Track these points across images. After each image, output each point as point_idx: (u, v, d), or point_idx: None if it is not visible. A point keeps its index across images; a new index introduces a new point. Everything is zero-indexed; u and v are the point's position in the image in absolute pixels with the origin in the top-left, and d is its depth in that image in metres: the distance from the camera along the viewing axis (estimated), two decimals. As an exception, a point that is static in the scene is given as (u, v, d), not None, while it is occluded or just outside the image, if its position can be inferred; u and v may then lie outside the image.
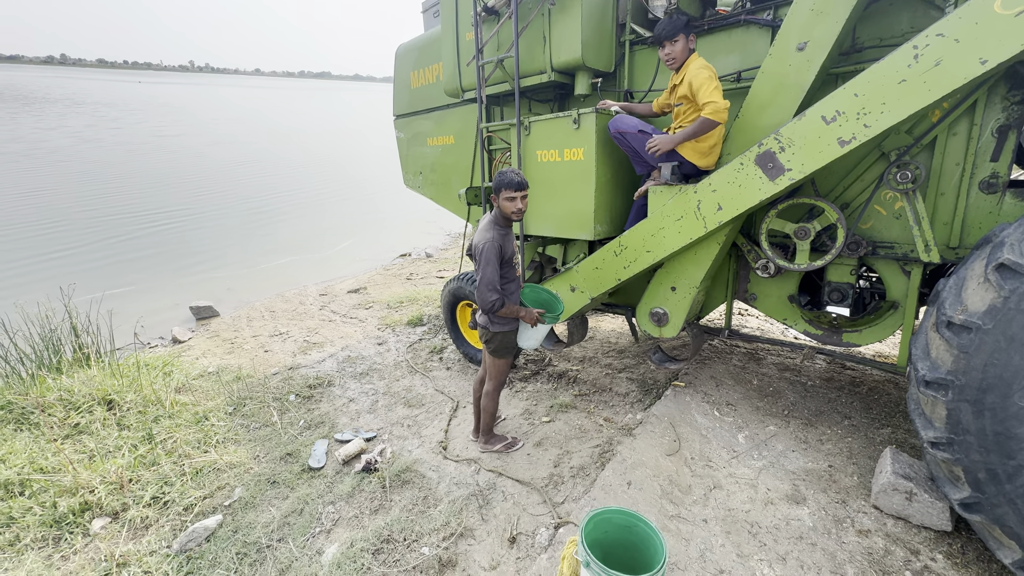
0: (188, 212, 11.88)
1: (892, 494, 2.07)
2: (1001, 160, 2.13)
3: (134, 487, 3.04)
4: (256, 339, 5.65)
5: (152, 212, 11.71)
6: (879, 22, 2.35)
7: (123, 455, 3.26)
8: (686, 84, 2.40)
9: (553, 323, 2.77)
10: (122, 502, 2.92)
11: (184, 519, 2.72)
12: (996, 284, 1.57)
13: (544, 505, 2.45)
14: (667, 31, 2.40)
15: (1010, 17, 1.61)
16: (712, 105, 2.29)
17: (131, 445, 3.37)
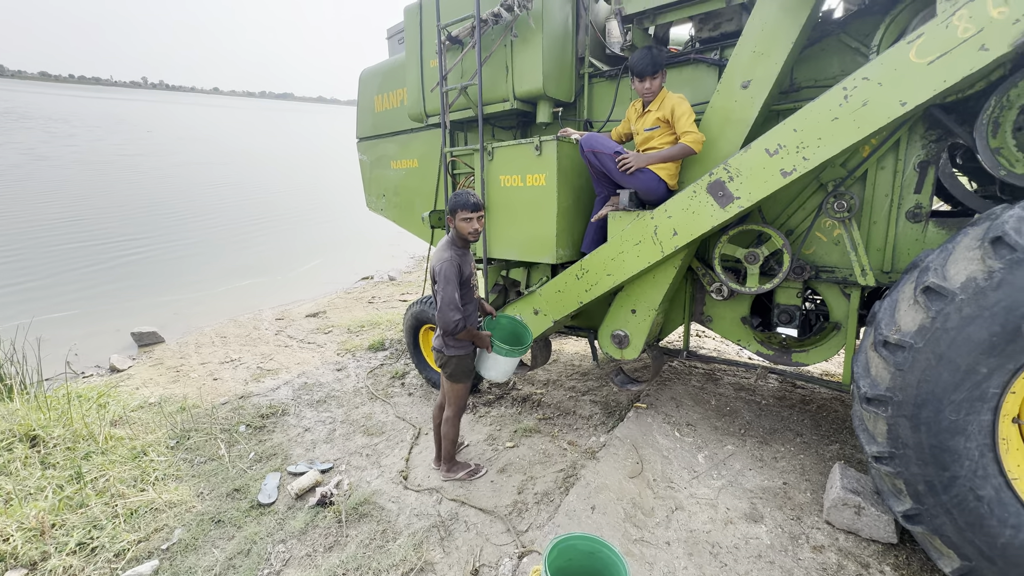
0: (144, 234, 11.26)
1: (842, 509, 2.15)
2: (923, 192, 2.33)
3: (57, 533, 2.75)
4: (204, 366, 5.34)
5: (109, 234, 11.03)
6: (813, 65, 2.56)
7: (46, 497, 2.97)
8: (666, 110, 2.54)
9: (523, 354, 2.72)
10: (42, 551, 2.64)
11: (114, 567, 2.48)
12: (924, 305, 1.69)
13: (508, 534, 2.39)
14: (651, 67, 2.51)
15: (923, 65, 1.80)
16: (694, 135, 2.47)
17: (56, 486, 3.07)
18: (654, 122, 2.60)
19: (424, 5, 3.44)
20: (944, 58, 1.75)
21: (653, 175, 2.62)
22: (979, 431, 1.63)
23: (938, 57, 1.76)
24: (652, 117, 2.60)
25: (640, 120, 2.69)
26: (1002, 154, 2.00)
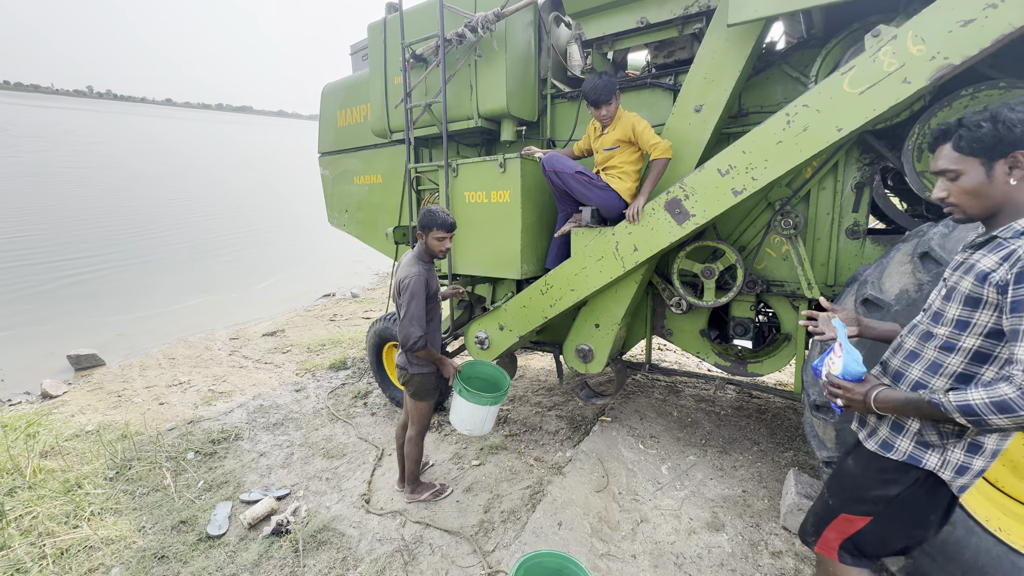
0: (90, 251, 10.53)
1: (797, 514, 2.23)
2: (860, 211, 2.50)
3: (-28, 580, 2.49)
4: (150, 390, 5.02)
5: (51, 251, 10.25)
6: (759, 92, 2.74)
7: (-40, 540, 2.69)
8: (626, 130, 2.61)
9: (501, 402, 2.58)
10: (-46, 601, 2.38)
11: (39, 614, 2.26)
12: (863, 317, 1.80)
13: (474, 555, 2.34)
14: (604, 96, 2.56)
15: (855, 95, 1.95)
16: (662, 146, 2.54)
17: (-28, 527, 2.79)
18: (614, 142, 2.69)
19: (388, 23, 3.46)
20: (873, 89, 1.91)
21: (613, 193, 2.70)
22: (916, 434, 1.74)
23: (868, 88, 1.92)
24: (611, 138, 2.69)
25: (599, 140, 2.77)
26: (926, 176, 2.18)
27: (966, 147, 1.22)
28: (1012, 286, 1.12)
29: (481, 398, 2.50)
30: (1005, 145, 1.17)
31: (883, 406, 1.28)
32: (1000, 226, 1.22)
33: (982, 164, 1.21)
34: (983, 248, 1.24)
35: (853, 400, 1.34)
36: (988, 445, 1.25)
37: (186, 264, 10.37)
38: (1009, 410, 1.06)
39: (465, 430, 2.63)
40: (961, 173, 1.24)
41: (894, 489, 1.34)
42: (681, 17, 2.61)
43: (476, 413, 2.54)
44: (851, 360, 1.36)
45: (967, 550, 1.70)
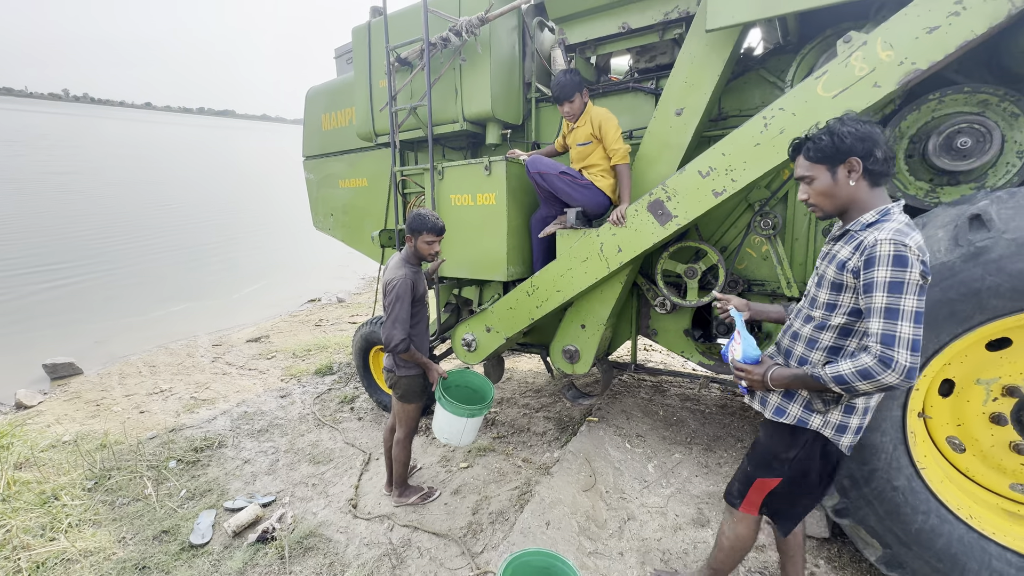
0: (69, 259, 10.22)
1: (780, 508, 2.27)
2: (836, 211, 2.57)
3: (-57, 597, 2.42)
4: (129, 399, 4.91)
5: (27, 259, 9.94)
6: (738, 95, 2.80)
7: (-69, 556, 2.60)
8: (594, 125, 2.66)
9: (480, 415, 2.57)
10: (-76, 618, 2.31)
11: (15, 629, 2.20)
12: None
13: (463, 557, 2.33)
14: (564, 93, 2.64)
15: (829, 98, 2.01)
16: (620, 153, 2.61)
17: (-57, 542, 2.70)
18: (586, 136, 2.73)
19: (373, 27, 3.47)
20: (845, 92, 1.97)
21: (597, 190, 2.74)
22: (891, 426, 1.79)
23: (840, 92, 1.98)
24: (583, 132, 2.73)
25: (571, 135, 2.81)
26: (898, 178, 2.25)
27: (814, 156, 1.45)
28: (863, 271, 1.33)
29: (459, 408, 2.49)
30: (842, 153, 1.40)
31: (777, 383, 1.50)
32: (851, 221, 1.44)
33: (828, 170, 1.44)
34: (840, 240, 1.46)
35: (754, 380, 1.55)
36: (859, 405, 1.49)
37: (168, 271, 10.17)
38: (870, 376, 1.29)
39: (443, 439, 2.63)
40: (814, 178, 1.46)
41: (792, 451, 1.57)
42: (661, 23, 2.66)
43: (454, 423, 2.53)
44: (748, 346, 1.56)
45: (940, 538, 1.76)
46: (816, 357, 1.50)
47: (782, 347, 1.62)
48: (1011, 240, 1.55)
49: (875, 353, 1.28)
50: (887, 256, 1.28)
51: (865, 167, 1.39)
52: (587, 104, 2.70)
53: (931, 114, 2.15)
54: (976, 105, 2.06)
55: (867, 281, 1.32)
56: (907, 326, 1.27)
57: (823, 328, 1.48)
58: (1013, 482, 1.84)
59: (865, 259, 1.32)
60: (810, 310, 1.54)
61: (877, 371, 1.27)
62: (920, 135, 2.18)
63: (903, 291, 1.27)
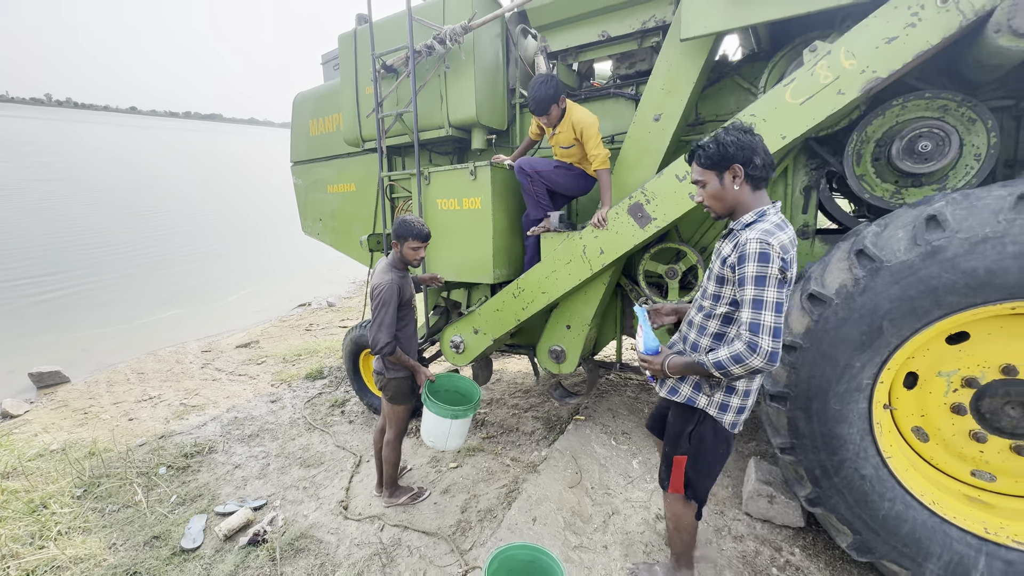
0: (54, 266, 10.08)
1: (757, 499, 2.36)
2: (809, 212, 2.67)
3: (-68, 606, 2.42)
4: (118, 406, 4.89)
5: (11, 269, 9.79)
6: (715, 101, 2.89)
7: (-83, 566, 2.59)
8: (576, 131, 2.74)
9: (464, 417, 2.61)
10: (-89, 629, 2.31)
11: (6, 636, 2.21)
12: (808, 311, 1.94)
13: (452, 554, 2.38)
14: (540, 108, 2.68)
15: (796, 105, 2.10)
16: (599, 158, 2.70)
17: (-70, 552, 2.70)
18: (569, 141, 2.81)
19: (359, 34, 3.52)
20: (811, 99, 2.06)
21: (591, 177, 2.88)
22: (858, 417, 1.88)
23: (807, 99, 2.07)
24: (565, 137, 2.81)
25: (554, 139, 2.88)
26: (865, 180, 2.35)
27: (704, 163, 1.61)
28: (738, 266, 1.50)
29: (443, 409, 2.53)
30: (726, 160, 1.55)
31: (673, 371, 1.69)
32: (735, 220, 1.62)
33: (716, 175, 1.60)
34: (726, 239, 1.65)
35: (655, 369, 1.73)
36: (739, 387, 1.66)
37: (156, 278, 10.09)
38: (741, 360, 1.46)
39: (430, 442, 2.67)
40: (706, 182, 1.63)
41: (688, 426, 1.76)
42: (639, 31, 2.74)
43: (439, 425, 2.57)
44: (648, 339, 1.75)
45: (906, 523, 1.84)
46: (704, 342, 1.68)
47: (682, 334, 1.81)
48: (964, 239, 1.64)
49: (744, 340, 1.45)
50: (754, 253, 1.45)
51: (746, 173, 1.55)
52: (565, 109, 2.76)
53: (895, 119, 2.25)
54: (936, 110, 2.16)
55: (740, 276, 1.49)
56: (769, 315, 1.44)
57: (710, 316, 1.67)
58: (974, 468, 1.94)
59: (738, 256, 1.50)
60: (701, 300, 1.72)
61: (746, 356, 1.44)
62: (885, 139, 2.28)
63: (766, 284, 1.44)
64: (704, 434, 1.73)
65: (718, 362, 1.51)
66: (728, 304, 1.61)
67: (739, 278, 1.50)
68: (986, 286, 1.62)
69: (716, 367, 1.52)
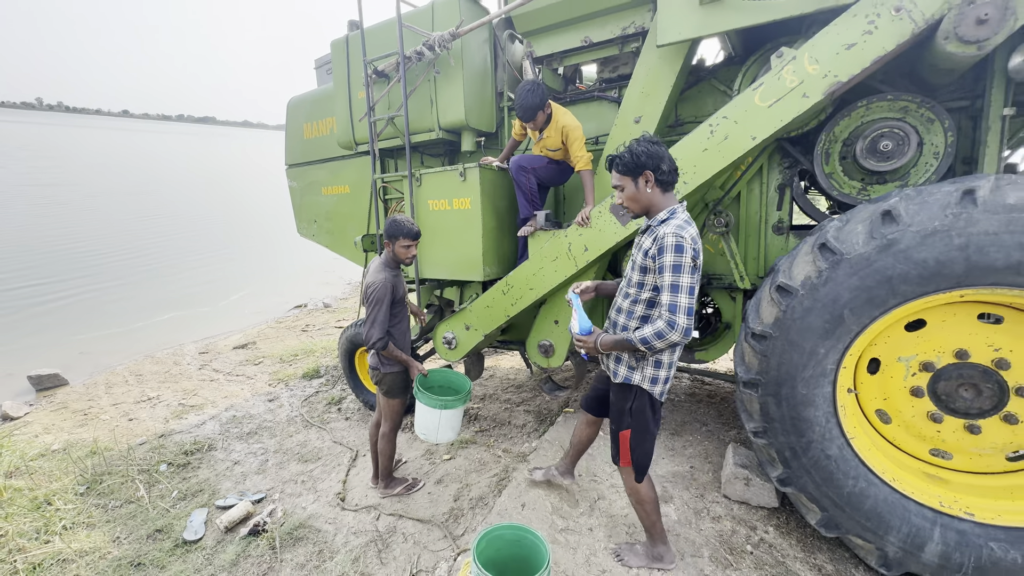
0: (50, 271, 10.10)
1: (734, 482, 2.48)
2: (783, 209, 2.79)
3: (-58, 598, 2.50)
4: (117, 407, 4.97)
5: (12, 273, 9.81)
6: (693, 103, 3.01)
7: (-74, 562, 2.67)
8: (563, 135, 2.87)
9: (453, 408, 2.72)
10: (-77, 620, 2.39)
11: (17, 624, 2.30)
12: (777, 302, 2.06)
13: (445, 540, 2.49)
14: (527, 114, 2.78)
15: (765, 108, 2.22)
16: (582, 160, 2.85)
17: (-62, 548, 2.78)
18: (556, 144, 2.94)
19: (350, 40, 3.62)
20: (779, 103, 2.18)
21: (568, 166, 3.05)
22: (823, 401, 2.00)
23: (775, 102, 2.19)
24: (553, 141, 2.93)
25: (541, 143, 3.00)
26: (834, 177, 2.47)
27: (621, 170, 1.87)
28: (658, 257, 1.75)
29: (433, 400, 2.65)
30: (639, 167, 1.81)
31: (605, 348, 1.90)
32: (651, 218, 1.88)
33: (632, 180, 1.85)
34: (645, 234, 1.91)
35: (588, 347, 1.94)
36: (664, 360, 1.90)
37: (152, 281, 10.13)
38: (662, 336, 1.73)
39: (422, 435, 2.78)
40: (623, 187, 1.89)
41: (627, 403, 1.97)
42: (620, 37, 2.86)
43: (430, 417, 2.69)
44: (582, 320, 1.95)
45: (868, 500, 1.97)
46: (632, 325, 1.92)
47: (611, 319, 2.03)
48: (916, 232, 1.77)
49: (665, 319, 1.72)
50: (671, 245, 1.72)
51: (656, 178, 1.82)
52: (551, 115, 2.87)
53: (860, 119, 2.37)
54: (898, 111, 2.29)
55: (660, 265, 1.75)
56: (684, 297, 1.71)
57: (636, 302, 1.91)
58: (932, 447, 2.06)
59: (658, 247, 1.76)
60: (627, 288, 1.96)
61: (666, 332, 1.72)
62: (851, 139, 2.40)
63: (681, 271, 1.72)
64: (642, 407, 1.96)
65: (643, 338, 1.77)
66: (651, 290, 1.86)
67: (659, 267, 1.75)
68: (936, 275, 1.75)
69: (642, 342, 1.77)
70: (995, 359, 1.88)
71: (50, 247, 12.10)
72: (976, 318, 1.91)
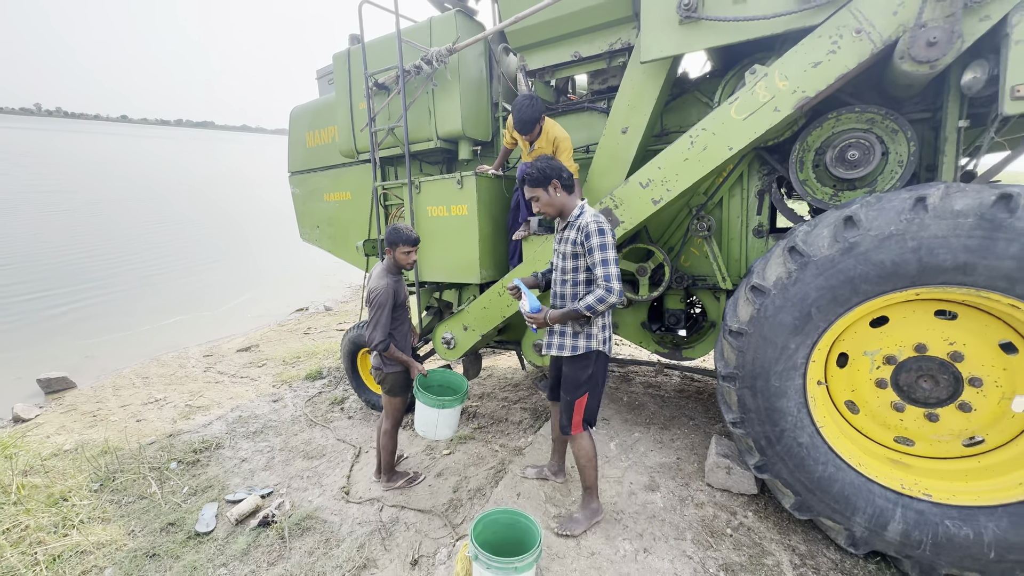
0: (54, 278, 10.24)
1: (717, 471, 2.63)
2: (763, 214, 2.95)
3: (-32, 588, 2.64)
4: (125, 409, 5.11)
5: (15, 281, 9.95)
6: (678, 114, 3.18)
7: (-50, 553, 2.81)
8: (553, 144, 3.02)
9: (450, 407, 2.86)
10: (-50, 609, 2.53)
11: (41, 610, 2.44)
12: (752, 300, 2.22)
13: (445, 528, 2.64)
14: (526, 126, 2.92)
15: (740, 120, 2.38)
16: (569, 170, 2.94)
17: (-40, 541, 2.91)
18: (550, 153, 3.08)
19: (352, 53, 3.78)
20: (753, 115, 2.34)
21: None
22: (795, 392, 2.15)
23: (749, 115, 2.35)
24: (544, 151, 3.09)
25: (534, 152, 3.15)
26: (808, 184, 2.64)
27: (532, 183, 2.24)
28: (585, 243, 2.16)
29: (431, 400, 2.81)
30: (547, 178, 2.21)
31: (553, 320, 2.25)
32: (567, 217, 2.29)
33: (544, 189, 2.23)
34: (567, 229, 2.28)
35: (539, 321, 2.28)
36: (607, 322, 2.31)
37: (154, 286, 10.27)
38: (603, 300, 2.11)
39: (421, 432, 2.94)
40: (538, 197, 2.25)
41: (590, 370, 2.31)
42: (608, 52, 3.02)
43: (428, 415, 2.85)
44: (531, 300, 2.31)
45: (836, 483, 2.12)
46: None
47: (554, 302, 2.42)
48: (874, 236, 1.93)
49: (603, 287, 2.11)
50: (596, 231, 2.14)
51: (561, 183, 2.22)
52: (543, 126, 3.03)
53: (831, 130, 2.54)
54: (865, 123, 2.46)
55: (589, 248, 2.15)
56: (613, 268, 2.12)
57: (576, 284, 2.28)
58: (896, 435, 2.22)
59: (584, 235, 2.16)
60: (563, 276, 2.32)
61: (606, 296, 2.10)
62: (823, 148, 2.57)
63: (606, 249, 2.13)
64: (600, 368, 2.34)
65: (588, 305, 2.14)
66: (584, 271, 2.25)
67: (588, 249, 2.15)
68: (892, 275, 1.91)
69: (587, 309, 2.14)
70: (950, 352, 2.04)
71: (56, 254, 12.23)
72: (933, 315, 2.07)
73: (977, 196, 1.78)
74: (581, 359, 2.30)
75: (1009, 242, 1.71)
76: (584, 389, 2.32)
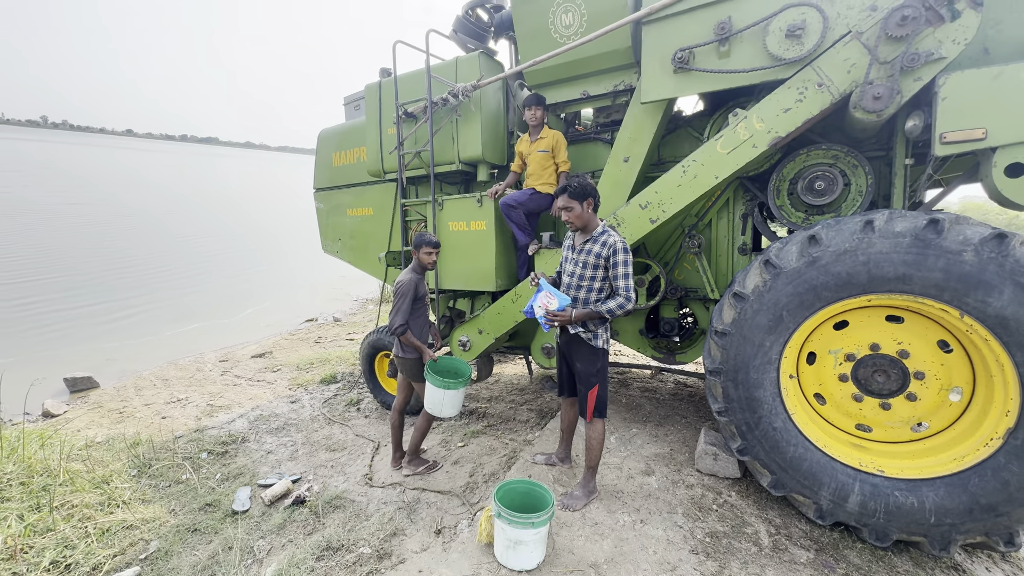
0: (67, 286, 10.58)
1: (705, 457, 2.97)
2: (746, 234, 3.37)
3: (28, 555, 2.91)
4: (149, 407, 5.40)
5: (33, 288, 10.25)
6: (673, 146, 3.63)
7: (8, 526, 3.09)
8: (554, 139, 3.54)
9: (455, 388, 3.23)
10: (13, 572, 2.80)
11: (93, 578, 2.71)
12: (734, 305, 2.61)
13: (463, 506, 2.95)
14: (530, 101, 3.54)
15: (724, 154, 2.81)
16: (566, 164, 3.56)
17: (17, 515, 3.19)
18: (547, 147, 3.57)
19: (383, 85, 4.24)
20: (735, 150, 2.78)
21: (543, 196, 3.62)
22: (770, 384, 2.53)
23: (732, 150, 2.79)
24: (545, 144, 3.58)
25: (533, 146, 3.62)
26: (783, 209, 3.06)
27: (573, 195, 2.52)
28: (612, 258, 2.51)
29: (439, 381, 3.17)
30: (586, 194, 2.52)
31: (578, 319, 2.55)
32: (591, 231, 2.60)
33: (580, 203, 2.53)
34: (590, 242, 2.58)
35: (565, 319, 2.55)
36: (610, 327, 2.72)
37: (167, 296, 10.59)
38: (623, 307, 2.48)
39: (429, 408, 3.27)
40: (572, 208, 2.54)
41: (600, 363, 2.67)
42: (612, 92, 3.48)
43: (435, 394, 3.20)
44: (560, 299, 2.56)
45: (805, 462, 2.47)
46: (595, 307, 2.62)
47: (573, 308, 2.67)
48: (833, 252, 2.33)
49: (624, 296, 2.49)
50: (621, 249, 2.50)
51: (595, 203, 2.56)
52: (545, 123, 3.53)
53: (802, 164, 2.98)
54: (830, 158, 2.90)
55: (614, 263, 2.51)
56: (632, 281, 2.50)
57: (590, 291, 2.61)
58: (857, 423, 2.58)
59: (611, 251, 2.51)
60: (579, 282, 2.63)
61: (625, 303, 2.48)
62: (796, 178, 3.00)
63: (628, 265, 2.49)
64: (605, 363, 2.71)
65: (609, 309, 2.50)
66: (604, 281, 2.60)
67: (613, 263, 2.50)
68: (847, 284, 2.31)
69: (608, 312, 2.50)
70: (899, 350, 2.43)
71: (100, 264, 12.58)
72: (884, 319, 2.46)
73: (913, 220, 2.19)
74: (593, 353, 2.66)
75: (937, 257, 2.11)
76: (595, 380, 2.66)
